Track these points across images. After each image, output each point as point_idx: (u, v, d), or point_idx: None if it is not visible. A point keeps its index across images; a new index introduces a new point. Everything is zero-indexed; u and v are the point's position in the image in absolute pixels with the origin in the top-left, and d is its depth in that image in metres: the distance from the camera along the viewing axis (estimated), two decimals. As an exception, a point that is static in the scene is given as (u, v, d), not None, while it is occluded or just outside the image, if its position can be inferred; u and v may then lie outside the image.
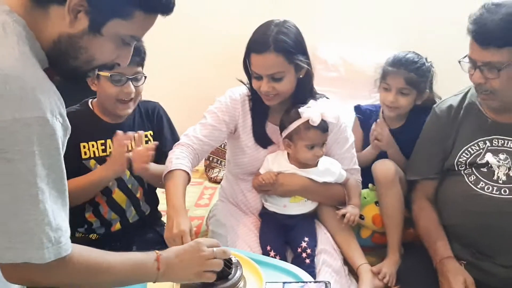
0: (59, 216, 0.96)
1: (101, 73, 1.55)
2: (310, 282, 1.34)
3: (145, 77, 1.66)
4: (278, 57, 1.61)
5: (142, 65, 1.64)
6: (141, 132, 1.62)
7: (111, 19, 0.96)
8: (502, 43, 1.45)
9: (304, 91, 1.74)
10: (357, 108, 2.07)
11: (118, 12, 0.96)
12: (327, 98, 1.85)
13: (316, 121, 1.64)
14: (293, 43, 1.63)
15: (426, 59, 1.91)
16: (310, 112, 1.65)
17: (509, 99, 1.55)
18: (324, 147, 1.72)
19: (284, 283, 1.33)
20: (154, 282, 1.14)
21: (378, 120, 1.94)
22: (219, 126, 1.75)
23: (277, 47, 1.60)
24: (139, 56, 1.58)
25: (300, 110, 1.67)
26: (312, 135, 1.67)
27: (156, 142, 1.64)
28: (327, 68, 2.92)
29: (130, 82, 1.59)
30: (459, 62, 1.57)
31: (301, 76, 1.69)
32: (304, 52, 1.69)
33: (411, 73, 1.83)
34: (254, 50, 1.64)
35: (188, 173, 1.61)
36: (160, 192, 1.94)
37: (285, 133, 1.72)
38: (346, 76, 2.89)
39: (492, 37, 1.46)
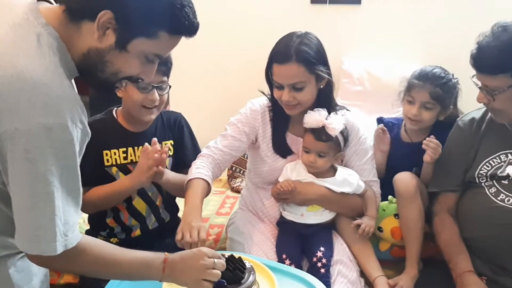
0: (68, 212, 1.04)
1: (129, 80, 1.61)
2: None
3: (170, 86, 1.71)
4: (300, 67, 1.65)
5: (167, 75, 1.69)
6: (155, 139, 1.64)
7: (137, 38, 1.04)
8: (496, 70, 1.48)
9: (325, 101, 1.75)
10: (379, 120, 2.07)
11: (144, 31, 1.04)
12: (348, 110, 1.86)
13: (306, 122, 1.69)
14: (315, 54, 1.67)
15: (453, 75, 1.90)
16: (309, 115, 1.70)
17: None
18: (326, 158, 1.71)
19: None
20: (160, 281, 1.22)
21: (429, 137, 1.86)
22: (239, 137, 1.78)
23: (299, 58, 1.64)
24: (165, 66, 1.64)
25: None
26: (306, 138, 1.72)
27: (171, 148, 1.69)
28: (352, 82, 2.94)
29: (155, 90, 1.64)
30: (471, 78, 1.58)
31: (322, 86, 1.72)
32: (325, 63, 1.72)
33: (437, 88, 1.83)
34: (276, 60, 1.68)
35: (206, 181, 1.65)
36: (179, 200, 1.98)
37: None
38: (371, 90, 2.89)
39: (487, 64, 1.50)
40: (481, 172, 1.65)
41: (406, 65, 2.62)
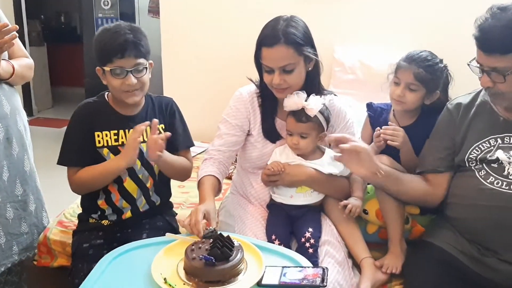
0: None
1: (105, 67, 1.66)
2: (308, 267, 1.37)
3: (146, 68, 1.71)
4: (289, 49, 1.68)
5: (143, 57, 1.69)
6: (156, 120, 1.67)
7: None
8: (506, 50, 1.48)
9: (312, 85, 1.79)
10: (369, 106, 2.10)
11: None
12: (335, 95, 1.89)
13: (286, 106, 1.74)
14: (302, 36, 1.70)
15: (441, 60, 1.91)
16: (288, 98, 1.73)
17: None
18: (308, 139, 1.75)
19: (283, 267, 1.36)
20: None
21: (389, 122, 1.94)
22: (233, 132, 1.83)
23: (287, 40, 1.67)
24: (135, 49, 1.65)
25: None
26: (288, 121, 1.76)
27: (169, 133, 1.70)
28: (344, 70, 2.96)
29: (131, 74, 1.66)
30: (468, 65, 1.59)
31: (310, 68, 1.75)
32: (313, 45, 1.75)
33: (420, 69, 1.84)
34: (265, 44, 1.70)
35: (213, 176, 1.74)
36: (174, 185, 2.01)
37: None
38: (363, 79, 2.91)
39: (496, 44, 1.49)
40: (471, 156, 1.67)
41: (397, 53, 2.62)
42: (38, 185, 2.06)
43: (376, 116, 2.04)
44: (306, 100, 1.72)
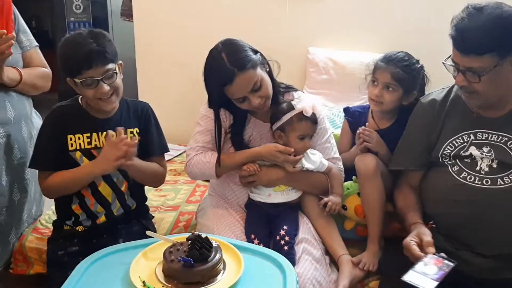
0: None
1: (76, 79, 1.63)
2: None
3: (116, 73, 1.67)
4: (255, 70, 1.69)
5: (112, 62, 1.66)
6: (120, 129, 1.64)
7: None
8: (482, 51, 1.49)
9: (275, 84, 1.81)
10: (346, 110, 2.11)
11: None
12: (299, 90, 1.93)
13: (309, 111, 1.74)
14: (252, 51, 1.72)
15: (417, 61, 1.95)
16: (303, 104, 1.75)
17: (492, 99, 1.60)
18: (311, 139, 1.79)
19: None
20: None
21: (367, 123, 1.98)
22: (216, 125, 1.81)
23: (252, 64, 1.68)
24: (101, 57, 1.62)
25: (293, 102, 1.77)
26: (304, 126, 1.76)
27: (138, 138, 1.69)
28: (318, 71, 2.99)
29: (102, 83, 1.64)
30: (443, 63, 1.61)
31: (267, 70, 1.77)
32: (256, 50, 1.76)
33: (397, 69, 1.87)
34: (229, 81, 1.68)
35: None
36: (148, 190, 2.00)
37: (277, 125, 1.79)
38: (337, 79, 2.94)
39: (472, 45, 1.50)
40: (445, 152, 1.70)
41: (372, 54, 2.67)
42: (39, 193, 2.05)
43: (355, 120, 2.05)
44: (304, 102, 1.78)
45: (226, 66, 1.67)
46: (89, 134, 1.73)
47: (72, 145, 1.72)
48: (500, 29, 1.48)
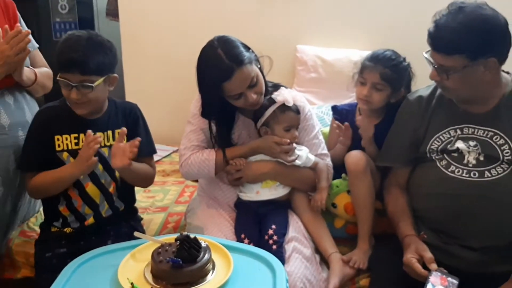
0: None
1: (58, 78, 1.64)
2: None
3: (93, 86, 1.63)
4: (251, 65, 1.70)
5: (93, 74, 1.63)
6: (124, 129, 1.65)
7: None
8: (451, 51, 1.52)
9: (265, 82, 1.81)
10: (334, 109, 2.11)
11: None
12: (285, 87, 1.92)
13: (290, 101, 1.76)
14: (245, 47, 1.73)
15: (404, 58, 1.95)
16: (284, 95, 1.76)
17: (464, 95, 1.63)
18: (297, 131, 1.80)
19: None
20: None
21: (356, 120, 1.96)
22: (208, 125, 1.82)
23: (249, 60, 1.69)
24: (82, 66, 1.61)
25: (273, 96, 1.77)
26: (288, 117, 1.78)
27: (139, 138, 1.67)
28: (307, 69, 2.98)
29: (75, 89, 1.63)
30: (424, 55, 1.62)
31: (259, 67, 1.77)
32: (248, 47, 1.76)
33: (386, 69, 1.87)
34: (227, 77, 1.67)
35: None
36: (138, 191, 1.99)
37: (261, 120, 1.79)
38: (326, 77, 2.94)
39: (443, 44, 1.53)
40: (432, 147, 1.71)
41: (360, 52, 2.68)
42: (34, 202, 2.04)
43: (343, 118, 2.05)
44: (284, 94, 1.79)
45: (224, 62, 1.66)
46: (76, 135, 1.73)
47: (59, 146, 1.72)
48: (473, 32, 1.50)
